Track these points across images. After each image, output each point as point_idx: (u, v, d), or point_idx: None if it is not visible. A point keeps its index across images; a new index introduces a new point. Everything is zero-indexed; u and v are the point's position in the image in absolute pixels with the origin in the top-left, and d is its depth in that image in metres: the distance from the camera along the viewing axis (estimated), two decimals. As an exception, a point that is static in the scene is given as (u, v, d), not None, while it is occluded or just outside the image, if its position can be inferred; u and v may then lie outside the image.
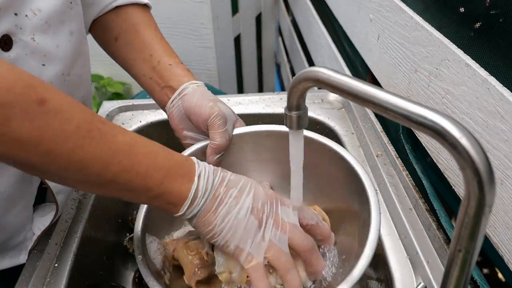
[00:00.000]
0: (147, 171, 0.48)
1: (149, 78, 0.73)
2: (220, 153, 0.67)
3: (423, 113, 0.34)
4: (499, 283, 0.71)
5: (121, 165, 0.46)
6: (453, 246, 0.36)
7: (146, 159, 0.48)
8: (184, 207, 0.50)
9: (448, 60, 0.60)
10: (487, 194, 0.32)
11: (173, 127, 0.73)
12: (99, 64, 2.00)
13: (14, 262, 0.68)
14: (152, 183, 0.49)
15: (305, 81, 0.43)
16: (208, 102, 0.67)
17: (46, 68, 0.58)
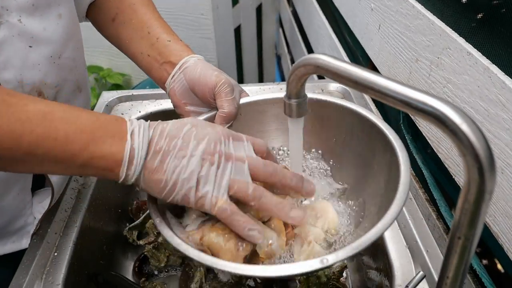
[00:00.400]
0: (67, 136, 0.45)
1: (147, 56, 0.71)
2: (229, 122, 0.64)
3: (423, 99, 0.33)
4: (499, 274, 0.71)
5: (34, 134, 0.44)
6: (452, 233, 0.36)
7: (65, 124, 0.45)
8: (122, 170, 0.47)
9: (450, 49, 0.59)
10: (488, 181, 0.32)
11: (175, 103, 0.70)
12: (99, 55, 1.99)
13: (16, 246, 0.69)
14: (76, 149, 0.45)
15: (304, 68, 0.43)
16: (213, 72, 0.64)
17: (34, 50, 0.58)
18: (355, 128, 0.61)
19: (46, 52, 0.60)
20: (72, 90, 0.69)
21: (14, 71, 0.57)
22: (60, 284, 0.61)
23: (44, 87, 0.62)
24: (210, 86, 0.63)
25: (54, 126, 0.45)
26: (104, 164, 0.47)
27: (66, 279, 0.62)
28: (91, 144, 0.46)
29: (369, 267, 0.74)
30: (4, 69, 0.56)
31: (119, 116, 0.50)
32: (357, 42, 1.04)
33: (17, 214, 0.67)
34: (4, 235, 0.68)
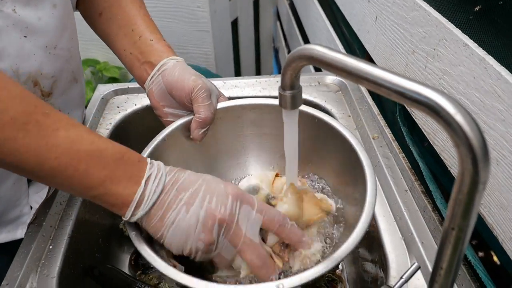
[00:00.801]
0: (87, 170, 0.46)
1: (129, 54, 0.71)
2: (205, 127, 0.64)
3: (417, 89, 0.33)
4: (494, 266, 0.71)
5: (57, 161, 0.45)
6: (446, 224, 0.36)
7: (88, 157, 0.46)
8: (128, 212, 0.48)
9: (446, 40, 0.59)
10: (481, 171, 0.31)
11: (153, 104, 0.70)
12: (95, 49, 1.98)
13: (11, 236, 0.69)
14: (92, 183, 0.47)
15: (299, 58, 0.43)
16: (190, 76, 0.64)
17: (28, 40, 0.58)
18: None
19: (41, 42, 0.60)
20: (68, 80, 0.69)
21: (9, 60, 0.57)
22: (55, 277, 0.61)
23: (40, 77, 0.62)
24: (187, 91, 0.64)
25: (78, 157, 0.46)
26: (114, 201, 0.48)
27: (61, 272, 0.62)
28: (108, 182, 0.47)
29: (365, 259, 0.74)
30: (0, 58, 0.56)
31: (143, 157, 0.52)
32: (354, 34, 1.03)
33: (13, 204, 0.67)
34: (0, 224, 0.68)
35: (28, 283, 0.60)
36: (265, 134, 0.70)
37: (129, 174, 0.48)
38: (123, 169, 0.48)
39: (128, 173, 0.48)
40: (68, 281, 0.63)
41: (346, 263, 0.82)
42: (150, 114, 0.96)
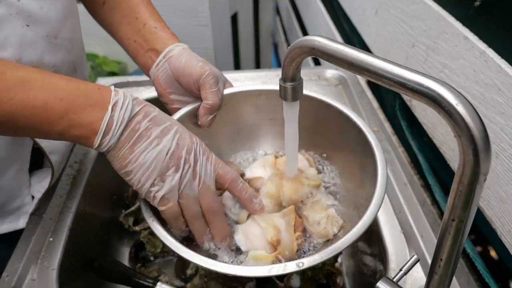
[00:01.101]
0: (45, 105, 0.45)
1: (133, 42, 0.71)
2: (213, 113, 0.64)
3: (419, 80, 0.33)
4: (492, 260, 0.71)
5: (13, 101, 0.44)
6: (446, 215, 0.36)
7: (43, 92, 0.46)
8: (97, 139, 0.48)
9: (447, 33, 0.59)
10: (482, 162, 0.31)
11: (159, 91, 0.70)
12: (95, 43, 1.97)
13: (13, 226, 0.69)
14: (54, 117, 0.46)
15: (300, 50, 0.43)
16: (198, 62, 0.64)
17: (30, 28, 0.58)
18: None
19: (43, 31, 0.60)
20: (69, 71, 0.69)
21: (12, 49, 0.57)
22: (56, 269, 0.61)
23: (42, 67, 0.62)
24: (194, 77, 0.64)
25: (33, 94, 0.45)
26: (81, 132, 0.48)
27: (61, 264, 0.62)
28: (70, 113, 0.47)
29: (364, 253, 0.74)
30: (3, 47, 0.56)
31: (104, 85, 0.50)
32: (354, 28, 1.03)
33: (14, 194, 0.67)
34: (1, 214, 0.68)
35: (29, 275, 0.60)
36: (270, 119, 0.70)
37: (91, 101, 0.47)
38: (83, 97, 0.47)
39: (89, 100, 0.47)
40: (69, 273, 0.64)
41: (345, 256, 0.82)
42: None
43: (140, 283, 0.64)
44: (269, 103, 0.69)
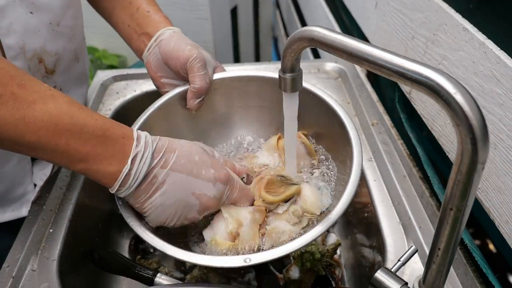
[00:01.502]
0: (67, 146, 0.45)
1: (127, 26, 0.71)
2: (200, 96, 0.65)
3: (418, 70, 0.33)
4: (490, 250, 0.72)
5: (36, 136, 0.44)
6: (444, 205, 0.36)
7: (68, 132, 0.45)
8: (114, 187, 0.49)
9: (446, 25, 0.59)
10: (480, 151, 0.32)
11: (150, 75, 0.71)
12: (94, 36, 1.97)
13: (16, 214, 0.69)
14: (74, 159, 0.46)
15: (300, 40, 0.43)
16: (186, 46, 0.65)
17: (34, 16, 0.58)
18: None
19: (46, 18, 0.61)
20: (71, 59, 0.70)
21: (16, 36, 0.58)
22: (56, 260, 0.62)
23: (44, 54, 0.63)
24: (182, 61, 0.64)
25: (58, 132, 0.45)
26: (99, 177, 0.49)
27: (61, 255, 0.63)
28: (90, 159, 0.47)
29: (363, 245, 0.75)
30: (7, 34, 0.57)
31: (128, 132, 0.50)
32: (354, 21, 1.03)
33: (17, 182, 0.68)
34: (4, 202, 0.69)
35: (29, 265, 0.61)
36: (261, 106, 0.71)
37: (111, 152, 0.48)
38: (105, 146, 0.48)
39: (110, 151, 0.48)
40: (69, 264, 0.64)
41: (344, 248, 0.82)
42: (150, 100, 0.96)
43: (140, 274, 0.65)
44: (261, 90, 0.69)
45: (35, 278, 0.59)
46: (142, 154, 0.49)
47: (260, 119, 0.72)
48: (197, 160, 0.52)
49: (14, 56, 0.58)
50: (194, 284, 0.53)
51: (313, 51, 1.59)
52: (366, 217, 0.72)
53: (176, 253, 0.49)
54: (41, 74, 0.64)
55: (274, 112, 0.69)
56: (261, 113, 0.71)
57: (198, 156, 0.52)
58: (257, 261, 0.47)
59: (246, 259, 0.47)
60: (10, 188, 0.67)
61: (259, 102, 0.71)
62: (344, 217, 0.86)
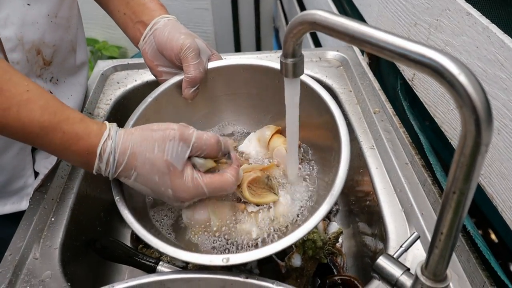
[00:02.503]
0: (42, 146, 0.53)
1: (123, 14, 0.71)
2: (195, 86, 0.65)
3: (421, 51, 0.33)
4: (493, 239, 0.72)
5: (14, 136, 0.52)
6: (447, 188, 0.36)
7: (39, 139, 0.52)
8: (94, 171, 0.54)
9: (449, 10, 0.58)
10: (484, 132, 0.31)
11: (147, 64, 0.71)
12: (95, 28, 1.96)
13: (16, 207, 0.70)
14: (52, 153, 0.55)
15: (301, 24, 0.42)
16: (180, 35, 0.64)
17: (32, 8, 0.58)
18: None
19: (44, 10, 0.60)
20: (68, 50, 0.69)
21: (14, 28, 0.57)
22: (58, 248, 0.62)
23: (42, 46, 0.62)
24: (175, 51, 0.64)
25: (31, 138, 0.51)
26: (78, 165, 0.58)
27: (63, 243, 0.63)
28: (64, 158, 0.57)
29: (364, 233, 0.74)
30: (5, 26, 0.56)
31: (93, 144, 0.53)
32: (356, 9, 1.02)
33: (17, 174, 0.68)
34: (4, 195, 0.69)
35: (31, 254, 0.61)
36: (257, 94, 0.71)
37: (79, 161, 0.54)
38: (73, 157, 0.54)
39: (78, 160, 0.54)
40: (71, 252, 0.64)
41: (346, 237, 0.82)
42: (151, 89, 0.95)
43: (142, 262, 0.65)
44: (256, 78, 0.69)
45: (37, 266, 0.59)
46: (105, 169, 0.54)
47: (256, 106, 0.73)
48: (157, 181, 0.53)
49: (12, 48, 0.58)
50: (196, 271, 0.53)
51: (314, 40, 1.58)
52: (368, 205, 0.72)
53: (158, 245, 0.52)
54: (39, 66, 0.64)
55: (270, 100, 0.69)
56: (257, 100, 0.72)
57: (158, 177, 0.52)
58: (234, 261, 0.49)
59: (223, 259, 0.49)
60: (9, 180, 0.67)
61: (256, 89, 0.71)
62: (346, 206, 0.86)
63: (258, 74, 0.68)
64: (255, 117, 0.74)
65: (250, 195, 0.60)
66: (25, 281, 0.57)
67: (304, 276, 0.69)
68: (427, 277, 0.41)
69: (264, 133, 0.68)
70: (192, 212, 0.59)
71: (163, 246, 0.51)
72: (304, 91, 0.62)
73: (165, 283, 0.52)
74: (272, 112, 0.70)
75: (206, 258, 0.50)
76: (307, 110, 0.62)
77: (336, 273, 0.74)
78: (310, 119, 0.64)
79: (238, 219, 0.60)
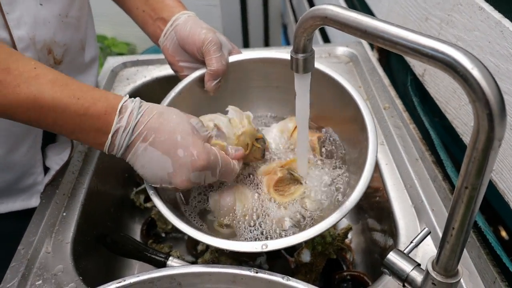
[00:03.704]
0: (55, 122, 0.50)
1: (142, 11, 0.72)
2: (217, 78, 0.66)
3: (434, 45, 0.33)
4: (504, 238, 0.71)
5: (26, 116, 0.49)
6: (459, 183, 0.36)
7: (53, 112, 0.49)
8: (105, 149, 0.53)
9: (461, 5, 0.58)
10: (497, 127, 0.31)
11: (168, 60, 0.71)
12: (104, 25, 1.97)
13: (26, 204, 0.70)
14: (64, 132, 0.52)
15: (312, 19, 0.42)
16: (202, 30, 0.65)
17: (44, 7, 0.59)
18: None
19: (55, 10, 0.61)
20: (78, 49, 0.70)
21: (26, 28, 0.58)
22: (70, 243, 0.62)
23: (54, 45, 0.63)
24: (198, 45, 0.65)
25: (44, 113, 0.49)
26: (90, 144, 0.54)
27: (75, 238, 0.64)
28: (77, 132, 0.51)
29: (374, 229, 0.74)
30: (18, 26, 0.57)
31: (111, 105, 0.52)
32: (366, 5, 1.02)
33: (27, 171, 0.68)
34: (14, 192, 0.69)
35: (44, 248, 0.61)
36: (277, 87, 0.72)
37: (95, 127, 0.51)
38: (89, 123, 0.51)
39: (94, 126, 0.51)
40: (82, 247, 0.65)
41: (355, 233, 0.82)
42: (160, 85, 0.97)
43: (152, 257, 0.65)
44: (275, 71, 0.70)
45: (49, 260, 0.60)
46: (124, 129, 0.51)
47: (277, 98, 0.74)
48: (178, 140, 0.51)
49: (24, 47, 0.59)
50: (206, 265, 0.53)
51: (323, 36, 1.57)
52: (378, 201, 0.72)
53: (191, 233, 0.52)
54: (49, 65, 0.65)
55: (290, 92, 0.69)
56: (277, 93, 0.73)
57: (180, 136, 0.52)
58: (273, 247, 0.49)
59: (263, 245, 0.49)
60: (20, 177, 0.68)
61: (275, 82, 0.72)
62: (355, 202, 0.86)
63: (277, 67, 0.69)
64: (275, 109, 0.76)
65: (280, 196, 0.62)
66: (38, 274, 0.58)
67: (313, 272, 0.69)
68: (438, 272, 0.41)
69: (287, 125, 0.69)
70: (219, 197, 0.61)
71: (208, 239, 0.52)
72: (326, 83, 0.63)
73: (175, 278, 0.53)
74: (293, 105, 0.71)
75: (248, 245, 0.51)
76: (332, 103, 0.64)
77: (345, 269, 0.74)
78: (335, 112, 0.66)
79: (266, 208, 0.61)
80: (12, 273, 0.57)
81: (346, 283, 0.71)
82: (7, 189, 0.69)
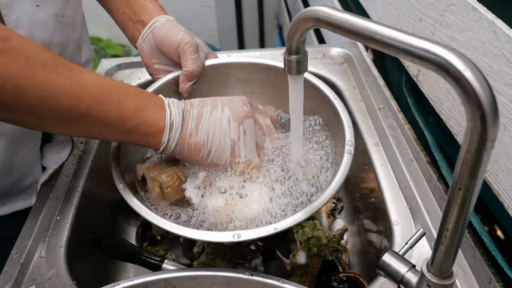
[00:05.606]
0: (119, 102, 0.51)
1: (122, 13, 0.72)
2: (192, 80, 0.66)
3: (426, 47, 0.32)
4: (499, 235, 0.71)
5: (93, 96, 0.49)
6: (453, 184, 0.36)
7: (116, 91, 0.51)
8: (165, 135, 0.53)
9: (454, 5, 0.58)
10: (490, 128, 0.31)
11: (144, 61, 0.72)
12: (98, 26, 1.96)
13: (26, 204, 0.71)
14: (126, 113, 0.51)
15: (305, 20, 0.42)
16: (179, 31, 0.66)
17: (41, 8, 0.59)
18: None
19: (52, 10, 0.61)
20: (74, 48, 0.70)
21: (24, 30, 0.58)
22: (63, 247, 0.62)
23: (51, 46, 0.64)
24: (174, 46, 0.65)
25: (110, 92, 0.51)
26: (149, 130, 0.53)
27: (69, 242, 0.63)
28: (140, 111, 0.52)
29: (369, 230, 0.74)
30: (16, 28, 0.57)
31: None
32: (360, 6, 1.02)
33: (27, 172, 0.69)
34: (16, 192, 0.70)
35: (37, 252, 0.61)
36: (253, 93, 0.71)
37: (153, 102, 0.54)
38: (147, 99, 0.54)
39: (152, 101, 0.54)
40: (76, 251, 0.64)
41: (351, 234, 0.82)
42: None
43: (147, 260, 0.65)
44: (252, 77, 0.70)
45: (43, 265, 0.60)
46: (173, 102, 0.55)
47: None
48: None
49: None
50: (201, 268, 0.53)
51: (317, 36, 1.58)
52: (373, 202, 0.72)
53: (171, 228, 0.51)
54: None
55: (267, 99, 0.69)
56: (254, 99, 0.72)
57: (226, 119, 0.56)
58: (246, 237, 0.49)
59: (234, 235, 0.48)
60: (21, 178, 0.69)
61: (252, 88, 0.71)
62: (351, 203, 0.86)
63: (254, 72, 0.69)
64: None
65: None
66: (31, 279, 0.58)
67: (309, 274, 0.69)
68: (433, 274, 0.41)
69: None
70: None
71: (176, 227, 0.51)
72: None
73: (170, 281, 0.53)
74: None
75: (220, 235, 0.50)
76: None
77: (341, 270, 0.74)
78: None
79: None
80: (5, 278, 0.57)
81: (342, 284, 0.71)
82: (9, 191, 0.69)
